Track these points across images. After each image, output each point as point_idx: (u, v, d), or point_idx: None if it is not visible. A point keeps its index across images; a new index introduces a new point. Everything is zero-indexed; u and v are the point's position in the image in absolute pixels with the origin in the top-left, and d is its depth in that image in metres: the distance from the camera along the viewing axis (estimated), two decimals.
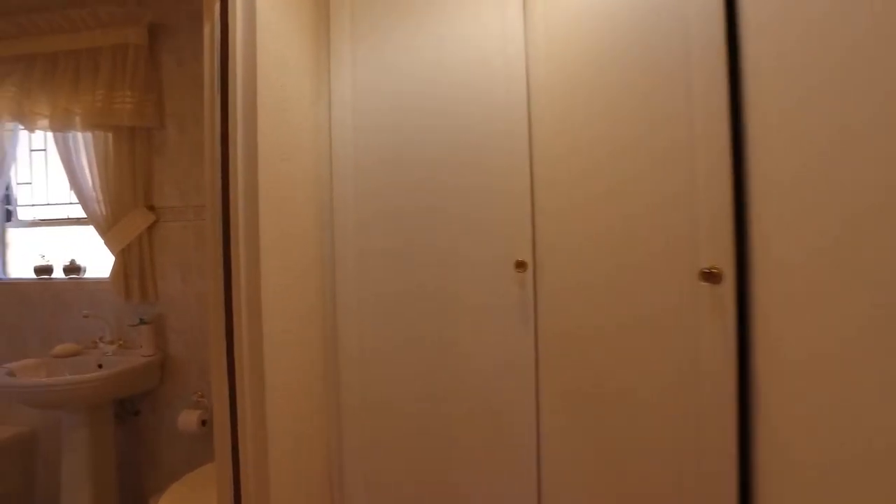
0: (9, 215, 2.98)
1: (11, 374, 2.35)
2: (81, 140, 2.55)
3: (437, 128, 1.87)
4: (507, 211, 1.80)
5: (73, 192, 2.61)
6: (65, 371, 2.52)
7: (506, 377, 1.81)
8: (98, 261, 2.76)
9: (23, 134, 2.85)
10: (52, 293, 2.75)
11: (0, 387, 2.23)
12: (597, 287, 1.55)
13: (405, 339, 1.91)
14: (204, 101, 1.46)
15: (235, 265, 1.38)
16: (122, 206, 2.53)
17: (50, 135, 2.72)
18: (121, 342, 2.59)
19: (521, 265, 1.75)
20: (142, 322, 2.54)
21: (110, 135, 2.52)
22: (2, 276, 2.93)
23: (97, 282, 2.68)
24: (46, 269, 2.81)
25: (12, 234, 2.98)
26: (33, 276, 2.82)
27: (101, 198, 2.53)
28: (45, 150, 2.91)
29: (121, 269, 2.54)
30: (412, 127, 1.89)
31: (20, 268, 2.94)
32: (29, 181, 2.96)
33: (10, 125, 2.69)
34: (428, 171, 1.88)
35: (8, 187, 2.95)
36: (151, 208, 2.58)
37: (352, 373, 1.94)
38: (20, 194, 2.98)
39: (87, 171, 2.55)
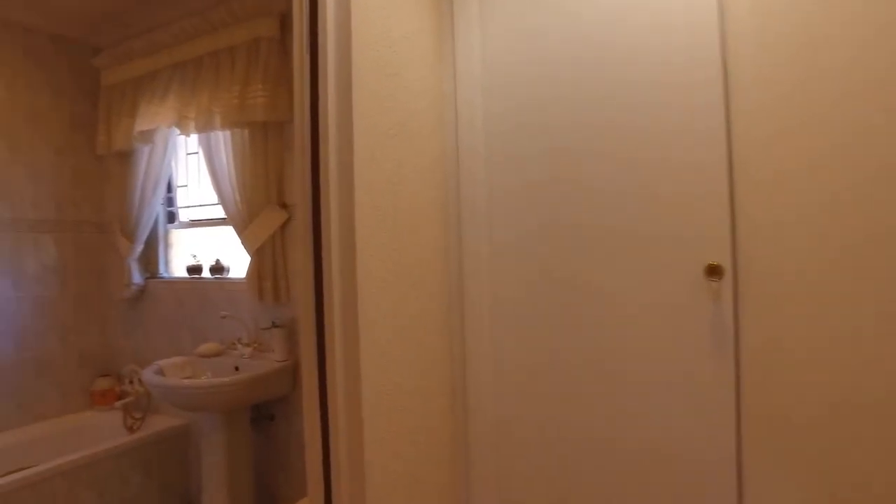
0: (171, 217, 3.13)
1: (160, 371, 2.39)
2: (221, 139, 2.53)
3: (592, 84, 1.45)
4: (692, 205, 1.33)
5: (214, 192, 2.60)
6: (207, 371, 2.52)
7: (688, 412, 1.34)
8: (240, 261, 2.76)
9: (180, 138, 2.96)
10: (200, 292, 2.80)
11: (147, 384, 2.26)
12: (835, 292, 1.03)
13: (549, 357, 1.53)
14: (294, 71, 1.21)
15: (327, 265, 1.11)
16: (257, 205, 2.46)
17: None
18: (256, 345, 2.53)
19: (714, 271, 1.26)
20: (274, 325, 2.45)
21: (246, 132, 2.47)
22: (164, 275, 3.07)
23: (236, 282, 2.66)
24: (197, 269, 2.87)
25: (174, 234, 3.12)
26: (186, 275, 2.90)
27: (237, 197, 2.49)
28: (198, 153, 2.99)
29: (255, 269, 2.47)
30: (557, 94, 1.50)
31: (180, 267, 3.07)
32: (185, 184, 3.07)
33: (167, 130, 2.77)
34: (580, 140, 1.48)
35: (170, 190, 3.09)
36: (284, 206, 2.48)
37: (482, 395, 1.60)
38: (179, 196, 3.11)
39: (226, 170, 2.53)
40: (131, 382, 2.96)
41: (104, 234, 3.13)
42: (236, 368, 2.46)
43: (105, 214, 3.14)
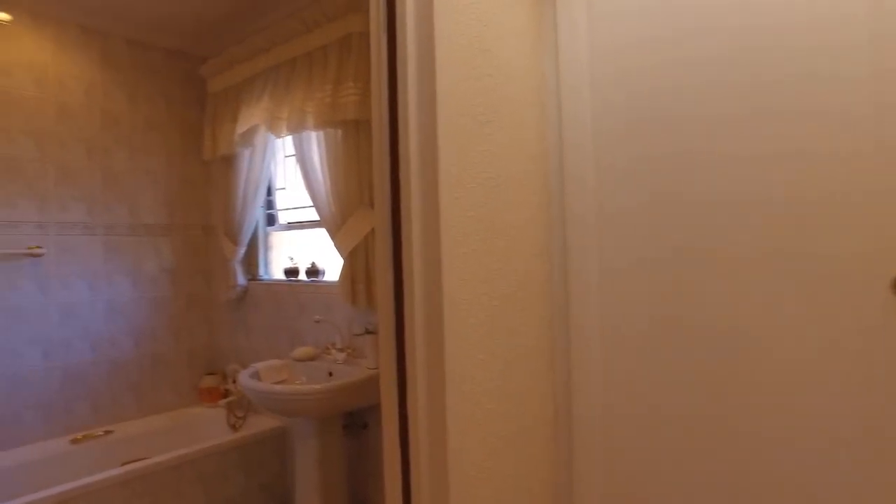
0: (271, 219, 3.18)
1: (256, 374, 2.40)
2: (314, 140, 2.51)
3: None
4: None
5: (308, 193, 2.58)
6: (301, 375, 2.50)
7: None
8: (335, 263, 2.73)
9: (279, 141, 3.00)
10: (297, 295, 2.80)
11: (242, 387, 2.28)
12: None
13: (673, 410, 1.28)
14: (371, 36, 1.08)
15: (408, 272, 0.96)
16: (349, 206, 2.40)
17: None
18: (349, 350, 2.48)
19: None
20: (367, 332, 2.37)
21: (339, 132, 2.42)
22: (264, 277, 3.13)
23: (331, 285, 2.63)
24: (294, 272, 2.88)
25: (274, 237, 3.18)
26: (284, 277, 2.93)
27: (330, 198, 2.45)
28: (295, 155, 3.01)
29: (348, 272, 2.41)
30: (685, 81, 1.26)
31: (279, 269, 3.11)
32: (283, 186, 3.11)
33: (266, 133, 2.81)
34: (720, 138, 1.23)
35: (270, 192, 3.15)
36: None
37: (591, 459, 1.39)
38: (278, 199, 3.15)
39: (318, 171, 2.50)
40: (234, 382, 3.04)
41: (210, 237, 3.25)
42: (330, 374, 2.41)
43: (211, 218, 3.26)
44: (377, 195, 1.08)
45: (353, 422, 2.50)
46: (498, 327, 1.23)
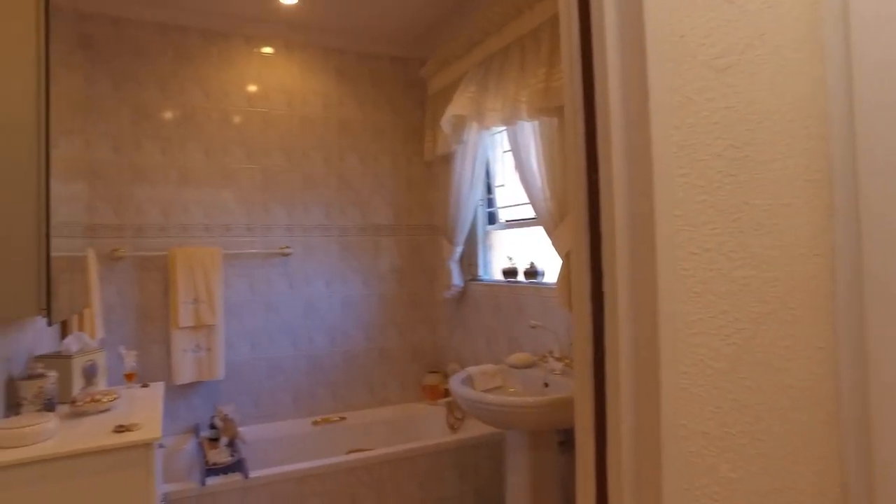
0: (492, 218, 3.10)
1: (468, 379, 2.32)
2: (529, 131, 2.33)
3: None
4: None
5: (523, 189, 2.41)
6: (516, 383, 2.35)
7: None
8: (555, 264, 2.51)
9: (496, 137, 2.90)
10: (516, 297, 2.66)
11: (453, 391, 2.21)
12: None
13: None
14: None
15: (608, 278, 0.70)
16: (567, 202, 2.15)
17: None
18: (568, 360, 2.23)
19: None
20: None
21: (556, 120, 2.19)
22: (482, 277, 3.06)
23: (550, 288, 2.42)
24: (512, 272, 2.75)
25: (494, 236, 3.09)
26: (502, 278, 2.81)
27: (546, 193, 2.23)
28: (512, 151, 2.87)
29: (566, 275, 2.17)
30: None
31: (499, 270, 3.02)
32: (502, 183, 2.99)
33: (479, 129, 2.72)
34: None
35: (491, 190, 3.07)
36: None
37: None
38: (498, 197, 3.06)
39: (533, 164, 2.30)
40: None
41: (433, 237, 3.31)
42: (546, 385, 2.20)
43: (434, 218, 3.31)
44: (571, 168, 0.83)
45: (570, 438, 2.25)
46: (745, 361, 0.87)
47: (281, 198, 2.92)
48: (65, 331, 2.05)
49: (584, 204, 0.76)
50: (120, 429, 1.34)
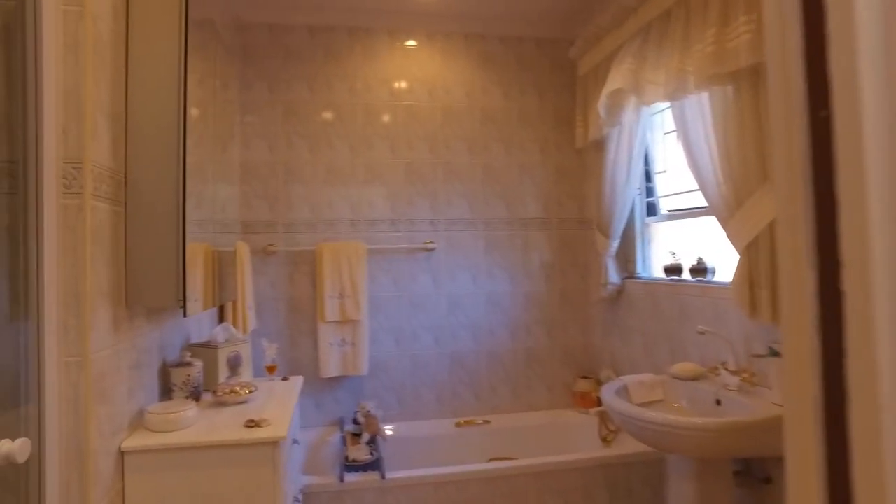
0: (651, 209, 2.76)
1: (623, 389, 2.05)
2: (697, 105, 1.98)
3: None
4: None
5: (691, 173, 2.07)
6: (680, 398, 2.03)
7: None
8: (729, 260, 2.12)
9: (656, 118, 2.56)
10: (680, 297, 2.31)
11: (604, 402, 1.95)
12: None
13: None
14: None
15: (851, 273, 0.45)
16: (747, 185, 1.79)
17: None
18: (746, 374, 1.86)
19: None
20: (773, 353, 1.73)
21: (729, 88, 1.83)
22: (641, 275, 2.74)
23: (723, 288, 2.05)
24: (676, 269, 2.39)
25: (654, 228, 2.75)
26: (663, 275, 2.47)
27: (719, 176, 1.88)
28: (675, 129, 2.51)
29: (745, 272, 1.81)
30: None
31: (659, 266, 2.67)
32: (664, 170, 2.63)
33: (635, 109, 2.41)
34: None
35: (650, 178, 2.73)
36: None
37: None
38: (658, 185, 2.70)
39: (703, 143, 1.96)
40: None
41: (586, 230, 3.04)
42: (718, 402, 1.86)
43: (586, 210, 3.04)
44: (778, 105, 0.57)
45: (749, 469, 1.87)
46: None
47: (424, 191, 2.88)
48: (224, 321, 2.19)
49: (804, 155, 0.52)
50: (251, 423, 1.34)
